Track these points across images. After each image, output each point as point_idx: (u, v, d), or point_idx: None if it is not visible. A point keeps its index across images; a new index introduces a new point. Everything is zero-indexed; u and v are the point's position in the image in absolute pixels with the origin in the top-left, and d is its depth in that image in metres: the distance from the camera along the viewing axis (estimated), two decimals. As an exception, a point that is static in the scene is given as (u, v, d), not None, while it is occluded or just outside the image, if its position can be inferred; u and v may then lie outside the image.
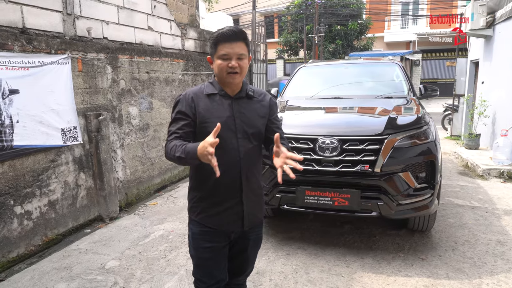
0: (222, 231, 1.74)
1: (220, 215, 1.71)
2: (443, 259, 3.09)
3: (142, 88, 5.08)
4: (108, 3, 4.52)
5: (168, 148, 1.61)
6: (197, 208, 1.74)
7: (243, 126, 1.69)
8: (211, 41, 1.66)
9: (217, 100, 1.69)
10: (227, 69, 1.62)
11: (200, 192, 1.73)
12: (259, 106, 1.77)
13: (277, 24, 25.80)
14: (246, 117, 1.71)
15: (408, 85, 4.16)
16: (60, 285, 2.86)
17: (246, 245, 1.84)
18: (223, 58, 1.62)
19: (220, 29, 1.68)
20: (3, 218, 3.22)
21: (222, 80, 1.69)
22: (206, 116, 1.65)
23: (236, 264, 1.89)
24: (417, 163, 2.96)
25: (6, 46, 3.26)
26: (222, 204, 1.71)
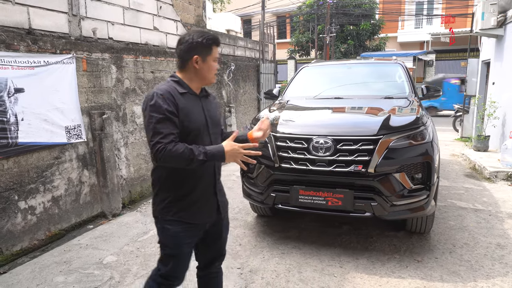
0: (202, 224, 1.85)
1: (201, 209, 1.82)
2: (439, 262, 3.06)
3: (146, 88, 5.17)
4: (113, 4, 4.62)
5: (177, 151, 1.60)
6: (173, 207, 1.78)
7: (212, 122, 1.84)
8: (207, 43, 1.74)
9: (189, 99, 1.76)
10: (215, 71, 1.79)
11: (177, 192, 1.77)
12: (215, 104, 1.95)
13: (289, 24, 25.75)
14: (212, 114, 1.86)
15: (410, 86, 4.12)
16: (59, 278, 2.95)
17: (220, 230, 1.97)
18: (215, 60, 1.78)
19: (202, 32, 1.77)
20: (7, 212, 3.34)
21: (207, 80, 1.80)
22: (187, 114, 1.71)
23: (214, 250, 2.00)
24: (412, 164, 2.94)
25: (12, 46, 3.38)
26: (201, 199, 1.81)
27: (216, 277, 2.06)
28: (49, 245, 3.62)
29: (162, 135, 1.62)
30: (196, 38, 1.73)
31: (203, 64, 1.75)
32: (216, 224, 1.93)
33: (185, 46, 1.75)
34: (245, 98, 8.54)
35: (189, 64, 1.76)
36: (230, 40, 8.07)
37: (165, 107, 1.65)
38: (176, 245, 1.82)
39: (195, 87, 1.81)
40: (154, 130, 1.63)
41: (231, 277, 2.89)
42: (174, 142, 1.63)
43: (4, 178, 3.31)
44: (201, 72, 1.77)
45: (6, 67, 3.30)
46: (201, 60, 1.75)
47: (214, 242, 1.97)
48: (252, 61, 9.17)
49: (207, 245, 1.96)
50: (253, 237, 3.62)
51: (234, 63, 7.85)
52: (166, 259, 1.86)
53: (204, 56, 1.75)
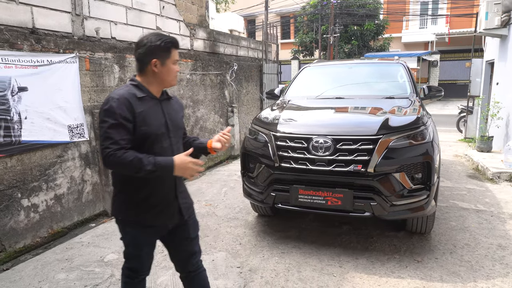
0: (163, 226, 1.88)
1: (161, 212, 1.84)
2: (439, 262, 3.05)
3: (149, 87, 5.19)
4: (116, 4, 4.65)
5: (125, 159, 1.61)
6: (132, 210, 1.81)
7: (173, 125, 1.85)
8: (165, 46, 1.74)
9: (148, 103, 1.77)
10: (175, 73, 1.80)
11: (137, 195, 1.79)
12: (178, 107, 1.96)
13: (293, 25, 25.75)
14: (173, 117, 1.87)
15: (412, 86, 4.11)
16: (60, 275, 2.98)
17: (187, 231, 1.97)
18: (175, 63, 1.79)
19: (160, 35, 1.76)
20: (10, 210, 3.37)
21: (166, 83, 1.82)
22: (145, 119, 1.72)
23: (185, 251, 2.01)
24: (412, 163, 2.93)
25: (16, 46, 3.41)
26: (161, 202, 1.83)
27: (197, 275, 2.06)
28: (51, 242, 3.65)
29: (112, 141, 1.63)
30: (154, 41, 1.72)
31: (162, 67, 1.76)
32: (182, 226, 1.94)
33: (143, 49, 1.73)
34: (247, 98, 8.55)
35: (148, 68, 1.76)
36: (233, 40, 8.09)
37: (118, 112, 1.65)
38: (136, 245, 1.89)
39: (155, 91, 1.81)
40: (105, 135, 1.65)
41: (231, 276, 2.90)
42: (124, 149, 1.64)
43: (7, 176, 3.35)
44: (160, 75, 1.78)
45: (10, 66, 3.34)
46: (160, 63, 1.75)
47: (183, 243, 1.98)
48: (255, 61, 9.18)
49: (176, 247, 1.99)
50: (253, 237, 3.63)
51: (237, 63, 7.86)
52: (128, 255, 1.94)
53: (163, 59, 1.75)
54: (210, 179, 5.91)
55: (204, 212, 4.37)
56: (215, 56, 7.16)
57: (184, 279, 2.08)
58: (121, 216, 1.85)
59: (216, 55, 7.21)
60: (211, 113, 6.95)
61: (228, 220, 4.09)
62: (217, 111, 7.15)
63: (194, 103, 6.33)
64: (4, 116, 3.29)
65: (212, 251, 3.34)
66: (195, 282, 2.06)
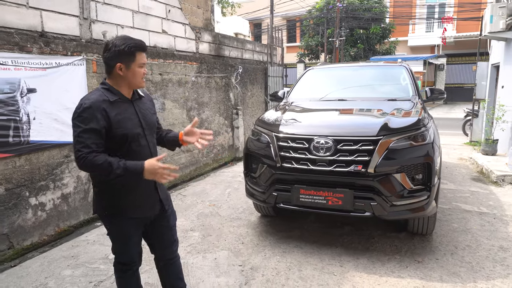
0: (146, 217, 1.99)
1: (143, 204, 1.95)
2: (440, 263, 3.06)
3: (155, 89, 5.28)
4: (123, 8, 4.76)
5: (96, 162, 1.70)
6: (117, 204, 1.90)
7: (146, 124, 1.94)
8: (129, 50, 1.79)
9: (120, 105, 1.85)
10: (142, 76, 1.86)
11: (120, 190, 1.88)
12: (149, 105, 2.05)
13: (299, 28, 25.84)
14: (145, 115, 1.96)
15: (414, 88, 4.14)
16: (66, 271, 3.05)
17: (167, 220, 2.13)
18: (141, 66, 1.85)
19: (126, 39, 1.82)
20: (18, 208, 3.46)
21: (133, 85, 1.88)
22: (120, 121, 1.81)
23: (166, 239, 2.16)
24: (412, 164, 2.96)
25: (25, 49, 3.51)
26: (142, 195, 1.94)
27: (175, 262, 2.23)
28: (58, 240, 3.73)
29: (83, 145, 1.71)
30: (119, 45, 1.78)
31: (127, 71, 1.82)
32: (161, 216, 2.08)
33: (108, 54, 1.80)
34: (252, 101, 8.61)
35: (114, 71, 1.82)
36: (238, 43, 8.17)
37: (90, 118, 1.73)
38: (123, 237, 1.99)
39: (126, 92, 1.89)
40: (78, 139, 1.73)
41: (232, 274, 2.95)
42: (95, 153, 1.72)
43: (16, 175, 3.44)
44: (126, 78, 1.85)
45: (20, 68, 3.44)
46: (124, 67, 1.81)
47: (164, 231, 2.13)
48: (260, 64, 9.25)
49: (158, 236, 2.13)
50: (255, 236, 3.68)
51: (242, 66, 7.94)
52: (118, 249, 2.04)
53: (127, 63, 1.82)
54: (214, 180, 5.97)
55: (207, 212, 4.42)
56: (220, 59, 7.24)
57: (162, 268, 2.22)
58: (106, 211, 1.93)
59: (221, 58, 7.29)
60: (216, 115, 7.02)
61: (231, 220, 4.14)
62: (222, 113, 7.22)
63: (199, 105, 6.41)
64: (14, 117, 3.39)
65: (214, 250, 3.39)
66: (172, 269, 2.23)
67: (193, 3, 6.34)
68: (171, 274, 2.25)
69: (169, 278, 2.26)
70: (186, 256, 3.26)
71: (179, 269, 2.28)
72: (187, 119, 6.08)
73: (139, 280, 2.22)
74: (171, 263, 2.23)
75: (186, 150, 6.09)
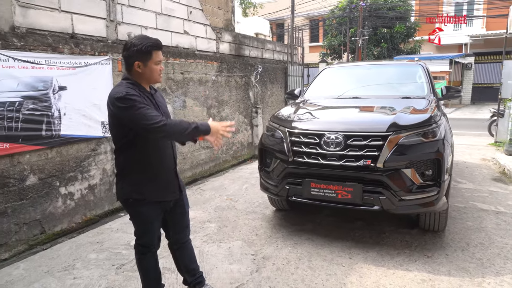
0: (168, 201, 2.19)
1: (166, 189, 2.15)
2: (449, 258, 3.10)
3: (176, 88, 5.51)
4: (147, 10, 5.01)
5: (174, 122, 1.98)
6: (142, 189, 2.07)
7: (164, 114, 2.12)
8: (146, 49, 1.97)
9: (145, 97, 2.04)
10: (159, 72, 2.05)
11: (145, 175, 2.07)
12: (162, 98, 2.25)
13: (322, 28, 25.73)
14: (162, 107, 2.16)
15: (429, 86, 4.15)
16: (91, 255, 3.29)
17: (183, 205, 2.34)
18: (157, 63, 2.03)
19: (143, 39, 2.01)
20: (50, 196, 3.75)
21: (152, 80, 2.08)
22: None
23: (181, 223, 2.38)
24: (422, 160, 3.01)
25: (57, 49, 3.80)
26: (165, 180, 2.14)
27: (186, 246, 2.44)
28: (84, 228, 4.00)
29: (154, 114, 1.91)
30: (136, 45, 1.97)
31: (144, 68, 2.01)
32: (179, 201, 2.29)
33: (127, 52, 2.00)
34: (272, 100, 8.74)
35: (133, 69, 2.02)
36: (258, 43, 8.33)
37: (139, 99, 1.94)
38: (146, 222, 2.17)
39: (146, 87, 2.09)
40: (145, 115, 1.89)
41: (245, 262, 3.10)
42: (167, 119, 1.97)
43: (48, 166, 3.73)
44: (144, 75, 2.04)
45: (52, 67, 3.72)
46: (142, 65, 2.00)
47: (179, 218, 2.34)
48: (280, 64, 9.37)
49: (174, 221, 2.33)
50: (269, 228, 3.81)
51: (261, 66, 8.09)
52: (140, 233, 2.22)
53: (144, 61, 2.00)
54: (233, 176, 6.15)
55: (224, 205, 4.60)
56: (240, 59, 7.42)
57: (176, 251, 2.43)
58: (131, 197, 2.10)
59: (241, 58, 7.46)
60: (236, 113, 7.20)
61: (246, 213, 4.29)
62: (241, 111, 7.39)
63: (219, 103, 6.60)
64: (46, 112, 3.67)
65: (229, 240, 3.55)
66: (185, 251, 2.44)
67: (214, 4, 6.54)
68: (185, 256, 2.43)
69: (183, 260, 2.44)
70: (202, 245, 3.44)
71: (191, 252, 2.47)
72: (207, 117, 6.28)
73: (157, 262, 2.40)
74: (184, 246, 2.42)
75: (206, 147, 6.29)
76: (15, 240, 3.44)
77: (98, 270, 3.02)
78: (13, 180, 3.43)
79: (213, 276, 2.89)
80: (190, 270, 2.45)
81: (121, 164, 2.12)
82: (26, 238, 3.53)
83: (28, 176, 3.55)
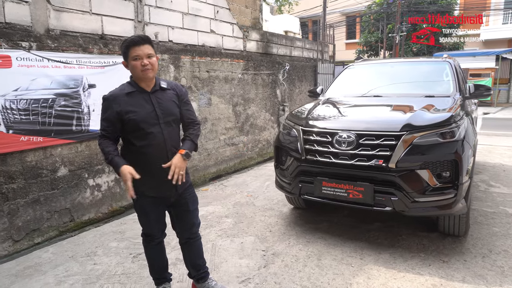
0: (163, 197, 2.26)
1: (159, 185, 2.20)
2: (467, 264, 2.97)
3: (201, 86, 5.66)
4: (174, 10, 5.18)
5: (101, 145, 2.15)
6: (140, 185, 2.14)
7: (162, 113, 2.17)
8: (123, 48, 2.09)
9: (136, 96, 2.13)
10: (140, 68, 2.07)
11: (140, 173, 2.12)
12: (172, 95, 2.24)
13: (359, 24, 25.09)
14: (164, 106, 2.19)
15: (456, 85, 3.97)
16: (113, 243, 3.50)
17: (186, 203, 2.38)
18: (135, 59, 2.07)
19: (124, 40, 2.14)
20: (79, 187, 4.01)
21: (138, 77, 2.13)
22: (129, 110, 2.09)
23: (186, 220, 2.40)
24: (438, 161, 2.90)
25: (88, 50, 4.05)
26: (156, 177, 2.17)
27: (195, 242, 2.49)
28: (110, 218, 4.24)
29: (100, 129, 2.16)
30: (121, 47, 2.13)
31: (128, 66, 2.14)
32: (180, 199, 2.34)
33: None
34: (300, 98, 8.71)
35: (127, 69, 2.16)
36: (287, 41, 8.32)
37: (106, 108, 2.12)
38: (143, 213, 2.30)
39: (143, 85, 2.16)
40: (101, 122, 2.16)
41: (254, 257, 3.16)
42: (104, 138, 2.15)
43: (78, 159, 3.99)
44: (132, 73, 2.15)
45: (82, 66, 3.97)
46: (126, 63, 2.14)
47: (184, 215, 2.41)
48: (310, 61, 9.30)
49: (178, 218, 2.42)
50: (283, 226, 3.84)
51: (290, 63, 8.08)
52: (141, 223, 2.35)
53: (126, 59, 2.12)
54: (256, 173, 6.22)
55: (244, 201, 4.68)
56: (268, 57, 7.46)
57: (183, 245, 2.50)
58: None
59: (268, 56, 7.50)
60: (262, 111, 7.26)
61: (264, 210, 4.35)
62: (268, 109, 7.44)
63: (245, 101, 6.69)
64: (77, 108, 3.94)
65: (243, 235, 3.63)
66: (192, 247, 2.49)
67: (241, 3, 6.63)
68: (191, 252, 2.51)
69: (189, 255, 2.52)
70: (216, 239, 3.54)
71: (199, 248, 2.54)
72: (233, 114, 6.40)
73: (163, 252, 2.51)
74: (191, 242, 2.49)
75: (231, 144, 6.42)
76: (46, 226, 3.73)
77: (116, 258, 3.21)
78: (46, 171, 3.72)
79: (221, 269, 2.97)
80: (196, 266, 2.53)
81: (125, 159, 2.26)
82: (56, 225, 3.81)
83: (59, 167, 3.83)
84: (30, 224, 3.58)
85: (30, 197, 3.58)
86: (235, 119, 6.46)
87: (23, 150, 3.53)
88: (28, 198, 3.57)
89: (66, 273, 2.99)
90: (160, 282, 2.53)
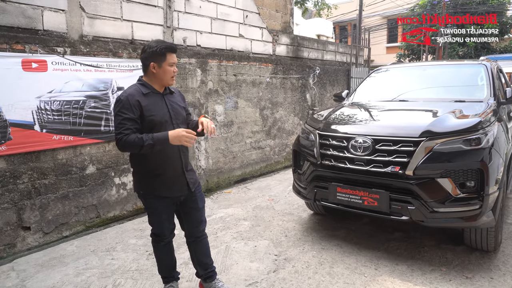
0: (176, 197, 2.29)
1: (172, 186, 2.26)
2: (493, 282, 2.75)
3: (228, 89, 5.74)
4: (203, 15, 5.31)
5: (130, 139, 2.03)
6: (149, 184, 2.21)
7: (175, 115, 2.23)
8: (161, 51, 2.12)
9: (152, 97, 2.18)
10: (172, 74, 2.17)
11: (151, 172, 2.20)
12: (179, 99, 2.32)
13: (401, 27, 24.21)
14: (175, 108, 2.26)
15: (491, 89, 3.71)
16: (132, 240, 3.63)
17: (195, 201, 2.44)
18: (171, 65, 2.16)
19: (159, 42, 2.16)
20: (105, 185, 4.21)
21: (165, 81, 2.20)
22: (150, 109, 2.14)
23: (195, 218, 2.43)
24: (461, 170, 2.72)
25: (118, 54, 4.26)
26: (171, 177, 2.24)
27: (202, 240, 2.51)
28: (134, 216, 4.41)
29: (124, 128, 2.06)
30: (152, 47, 2.14)
31: (159, 69, 2.16)
32: (190, 196, 2.38)
33: (144, 54, 2.16)
34: (331, 102, 8.54)
35: (148, 70, 2.17)
36: (319, 44, 8.22)
37: (127, 106, 2.08)
38: (155, 213, 2.33)
39: (158, 87, 2.22)
40: (118, 125, 2.08)
41: (265, 261, 3.14)
42: (131, 134, 2.05)
43: (105, 158, 4.19)
44: (158, 75, 2.18)
45: (112, 70, 4.18)
46: (157, 66, 2.15)
47: (192, 212, 2.45)
48: (343, 65, 9.12)
49: (187, 216, 2.46)
50: (300, 231, 3.78)
51: (321, 67, 7.97)
52: (151, 223, 2.39)
53: (159, 62, 2.15)
54: (281, 178, 6.18)
55: (264, 205, 4.67)
56: (298, 60, 7.41)
57: (191, 244, 2.52)
58: (142, 190, 2.30)
59: (299, 60, 7.45)
60: (290, 115, 7.21)
61: (283, 214, 4.31)
62: (297, 113, 7.38)
63: (273, 104, 6.69)
64: (105, 110, 4.14)
65: (257, 238, 3.61)
66: (200, 246, 2.51)
67: (271, 7, 6.65)
68: (198, 250, 2.55)
69: (196, 253, 2.56)
70: (230, 241, 3.56)
71: (206, 247, 2.57)
72: (260, 118, 6.41)
73: (172, 251, 2.57)
74: (198, 241, 2.53)
75: (257, 147, 6.43)
76: (74, 221, 3.94)
77: (133, 254, 3.33)
78: (75, 169, 3.94)
79: (231, 271, 2.98)
80: (203, 264, 2.56)
81: (132, 161, 2.32)
82: (83, 220, 4.02)
83: (87, 166, 4.05)
84: (59, 218, 3.81)
85: (60, 193, 3.81)
86: (262, 123, 6.48)
87: (55, 148, 3.77)
88: (58, 193, 3.80)
89: (86, 266, 3.14)
90: (168, 280, 2.59)
